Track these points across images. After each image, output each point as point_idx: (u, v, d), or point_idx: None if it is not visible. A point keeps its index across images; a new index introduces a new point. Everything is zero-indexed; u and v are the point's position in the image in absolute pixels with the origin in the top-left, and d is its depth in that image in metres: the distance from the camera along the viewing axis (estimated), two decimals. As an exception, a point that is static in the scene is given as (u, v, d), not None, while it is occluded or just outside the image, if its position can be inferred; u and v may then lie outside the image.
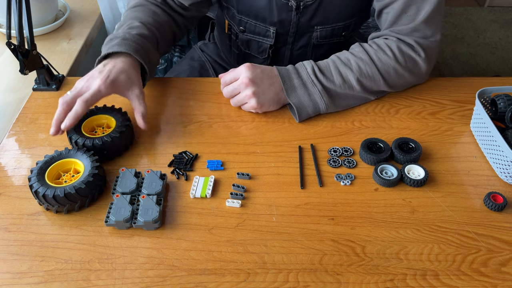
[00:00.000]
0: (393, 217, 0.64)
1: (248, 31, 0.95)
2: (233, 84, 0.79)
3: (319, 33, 0.92)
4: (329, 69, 0.79)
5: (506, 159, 0.66)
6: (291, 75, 0.79)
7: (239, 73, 0.78)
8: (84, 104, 0.69)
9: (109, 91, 0.73)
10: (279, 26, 0.91)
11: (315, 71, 0.78)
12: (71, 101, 0.70)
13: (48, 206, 0.64)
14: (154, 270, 0.58)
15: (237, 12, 0.92)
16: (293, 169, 0.71)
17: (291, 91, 0.78)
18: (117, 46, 0.76)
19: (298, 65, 0.80)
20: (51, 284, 0.56)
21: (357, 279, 0.57)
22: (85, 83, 0.72)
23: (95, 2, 1.31)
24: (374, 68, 0.79)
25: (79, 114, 0.69)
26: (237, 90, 0.79)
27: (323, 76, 0.78)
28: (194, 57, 1.14)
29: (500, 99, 0.74)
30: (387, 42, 0.82)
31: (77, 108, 0.69)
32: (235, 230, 0.62)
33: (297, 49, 0.96)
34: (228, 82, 0.80)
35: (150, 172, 0.67)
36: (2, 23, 1.15)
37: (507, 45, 2.33)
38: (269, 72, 0.78)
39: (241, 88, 0.78)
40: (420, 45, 0.81)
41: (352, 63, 0.79)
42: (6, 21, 0.74)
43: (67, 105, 0.70)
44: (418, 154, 0.71)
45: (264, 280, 0.57)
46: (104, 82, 0.71)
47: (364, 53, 0.80)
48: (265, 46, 0.96)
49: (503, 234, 0.62)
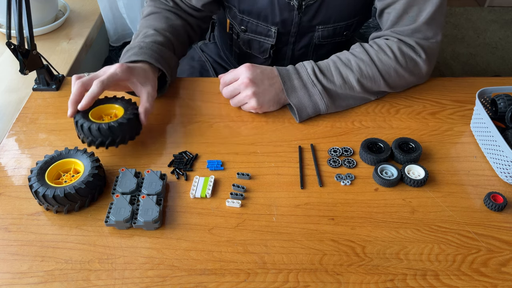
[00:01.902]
0: (393, 217, 0.64)
1: (250, 31, 0.95)
2: (233, 84, 0.79)
3: (321, 33, 0.92)
4: (329, 69, 0.79)
5: (506, 159, 0.66)
6: (291, 75, 0.79)
7: (239, 74, 0.78)
8: (101, 84, 0.70)
9: (125, 76, 0.73)
10: (280, 26, 0.91)
11: (315, 71, 0.78)
12: (87, 82, 0.71)
13: (48, 206, 0.64)
14: (154, 270, 0.58)
15: (239, 11, 0.92)
16: (293, 169, 0.71)
17: (291, 91, 0.78)
18: (134, 56, 0.78)
19: (298, 65, 0.80)
20: (51, 284, 0.56)
21: (357, 279, 0.57)
22: (101, 70, 0.74)
23: (95, 2, 1.31)
24: (374, 69, 0.79)
25: (96, 95, 0.70)
26: (237, 91, 0.79)
27: (323, 76, 0.78)
28: (194, 57, 1.14)
29: (500, 99, 0.74)
30: (388, 42, 0.81)
31: (94, 88, 0.70)
32: (235, 230, 0.62)
33: (298, 49, 0.96)
34: (228, 82, 0.80)
35: (150, 172, 0.67)
36: (2, 23, 1.16)
37: (507, 45, 2.33)
38: (269, 72, 0.78)
39: (241, 88, 0.78)
40: (421, 46, 0.81)
41: (352, 64, 0.79)
42: (6, 21, 0.74)
43: (83, 86, 0.71)
44: (418, 154, 0.71)
45: (264, 280, 0.57)
46: (121, 66, 0.73)
47: (365, 54, 0.80)
48: (267, 46, 0.96)
49: (503, 234, 0.62)
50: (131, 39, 1.45)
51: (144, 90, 0.75)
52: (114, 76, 0.72)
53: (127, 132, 0.71)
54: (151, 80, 0.77)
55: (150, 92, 0.75)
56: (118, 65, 0.73)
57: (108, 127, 0.68)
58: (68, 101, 0.70)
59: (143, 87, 0.75)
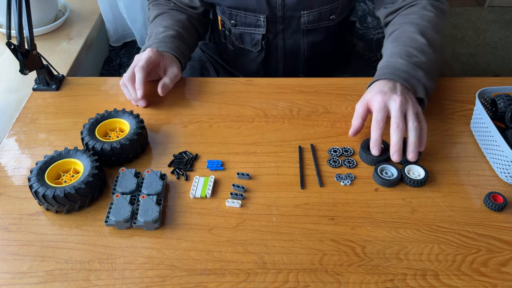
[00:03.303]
0: (393, 217, 0.64)
1: (240, 24, 0.96)
2: (395, 115, 0.69)
3: (307, 18, 0.93)
4: (407, 51, 0.79)
5: (506, 159, 0.66)
6: (396, 73, 0.75)
7: (386, 103, 0.70)
8: (143, 70, 0.78)
9: (158, 58, 0.82)
10: (268, 12, 0.92)
11: (404, 58, 0.77)
12: (131, 75, 0.80)
13: (48, 206, 0.64)
14: (154, 270, 0.58)
15: (226, 6, 0.95)
16: (293, 169, 0.71)
17: (414, 84, 0.75)
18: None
19: (387, 64, 0.78)
20: (51, 284, 0.56)
21: (357, 279, 0.57)
22: (135, 60, 0.81)
23: (95, 2, 1.31)
24: (431, 30, 0.83)
25: (143, 80, 0.78)
26: (401, 116, 0.69)
27: (411, 59, 0.77)
28: (194, 57, 1.14)
29: (500, 99, 0.74)
30: (419, 5, 0.87)
31: (139, 75, 0.78)
32: (235, 230, 0.62)
33: (289, 37, 0.97)
34: (381, 119, 0.70)
35: (150, 172, 0.67)
36: (2, 23, 1.15)
37: (507, 45, 2.33)
38: (392, 85, 0.73)
39: (403, 107, 0.69)
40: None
41: (416, 37, 0.81)
42: (6, 21, 0.74)
43: (132, 80, 0.80)
44: (419, 154, 0.71)
45: (264, 280, 0.57)
46: (152, 50, 0.81)
47: (416, 23, 0.83)
48: (258, 37, 0.97)
49: (503, 234, 0.62)
50: (131, 39, 1.45)
51: (170, 69, 0.84)
52: (149, 59, 0.80)
53: (138, 146, 0.73)
54: (176, 62, 0.86)
55: (175, 71, 0.84)
56: (149, 50, 0.81)
57: (120, 145, 0.69)
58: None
59: (169, 68, 0.84)
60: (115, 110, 0.75)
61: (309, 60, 1.02)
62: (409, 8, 0.88)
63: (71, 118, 0.81)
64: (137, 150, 0.72)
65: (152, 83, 0.87)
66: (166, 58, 0.84)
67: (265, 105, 0.84)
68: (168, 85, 0.83)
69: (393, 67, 0.76)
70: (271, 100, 0.85)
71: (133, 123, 0.73)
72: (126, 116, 0.74)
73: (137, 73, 0.78)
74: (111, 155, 0.69)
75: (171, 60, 0.85)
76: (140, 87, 0.78)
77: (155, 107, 0.84)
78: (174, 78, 0.84)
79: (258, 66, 1.04)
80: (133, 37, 1.44)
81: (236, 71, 1.13)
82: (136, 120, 0.73)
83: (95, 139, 0.70)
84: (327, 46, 1.01)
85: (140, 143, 0.72)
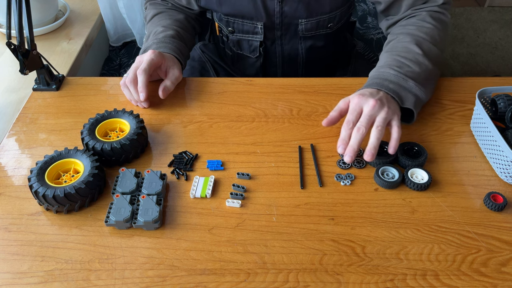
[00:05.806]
0: (393, 217, 0.64)
1: (237, 31, 0.96)
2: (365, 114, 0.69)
3: (304, 26, 0.93)
4: (400, 62, 0.79)
5: (506, 159, 0.66)
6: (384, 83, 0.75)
7: (360, 104, 0.70)
8: (145, 72, 0.78)
9: (160, 59, 0.82)
10: (265, 20, 0.92)
11: (395, 69, 0.77)
12: (134, 77, 0.79)
13: (48, 206, 0.64)
14: (154, 270, 0.58)
15: (223, 14, 0.94)
16: (293, 169, 0.71)
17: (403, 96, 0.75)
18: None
19: (378, 73, 0.78)
20: (51, 284, 0.56)
21: (357, 279, 0.57)
22: (136, 62, 0.82)
23: (95, 2, 1.31)
24: (428, 43, 0.82)
25: (146, 82, 0.78)
26: (373, 117, 0.69)
27: (402, 69, 0.77)
28: (194, 57, 1.14)
29: (500, 99, 0.74)
30: (419, 17, 0.86)
31: (141, 78, 0.78)
32: (235, 230, 0.62)
33: (286, 43, 0.97)
34: (351, 120, 0.70)
35: (150, 172, 0.67)
36: (2, 23, 1.16)
37: (507, 45, 2.32)
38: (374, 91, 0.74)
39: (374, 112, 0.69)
40: (443, 9, 0.88)
41: (411, 48, 0.81)
42: (6, 21, 0.74)
43: (135, 83, 0.79)
44: (424, 159, 0.71)
45: (264, 280, 0.57)
46: (153, 52, 0.81)
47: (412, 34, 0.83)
48: (256, 44, 0.97)
49: (503, 234, 0.62)
50: (131, 39, 1.45)
51: (171, 71, 0.84)
52: (151, 61, 0.80)
53: (138, 146, 0.72)
54: (178, 64, 0.86)
55: (176, 73, 0.84)
56: (150, 52, 0.81)
57: (120, 145, 0.69)
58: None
59: (171, 69, 0.84)
60: (115, 110, 0.75)
61: (308, 64, 1.02)
62: (408, 19, 0.88)
63: (71, 118, 0.81)
64: (137, 150, 0.72)
65: (153, 84, 0.87)
66: (167, 59, 0.84)
67: (265, 105, 0.84)
68: (169, 88, 0.83)
69: (382, 77, 0.77)
70: (271, 100, 0.85)
71: (133, 123, 0.73)
72: (126, 116, 0.74)
73: (140, 76, 0.78)
74: (111, 155, 0.69)
75: (172, 61, 0.85)
76: (143, 90, 0.78)
77: (155, 107, 0.84)
78: (175, 80, 0.84)
79: (256, 70, 1.04)
80: (133, 37, 1.44)
81: (235, 73, 1.13)
82: (136, 120, 0.73)
83: (95, 139, 0.70)
84: (326, 51, 1.01)
85: (140, 143, 0.72)
